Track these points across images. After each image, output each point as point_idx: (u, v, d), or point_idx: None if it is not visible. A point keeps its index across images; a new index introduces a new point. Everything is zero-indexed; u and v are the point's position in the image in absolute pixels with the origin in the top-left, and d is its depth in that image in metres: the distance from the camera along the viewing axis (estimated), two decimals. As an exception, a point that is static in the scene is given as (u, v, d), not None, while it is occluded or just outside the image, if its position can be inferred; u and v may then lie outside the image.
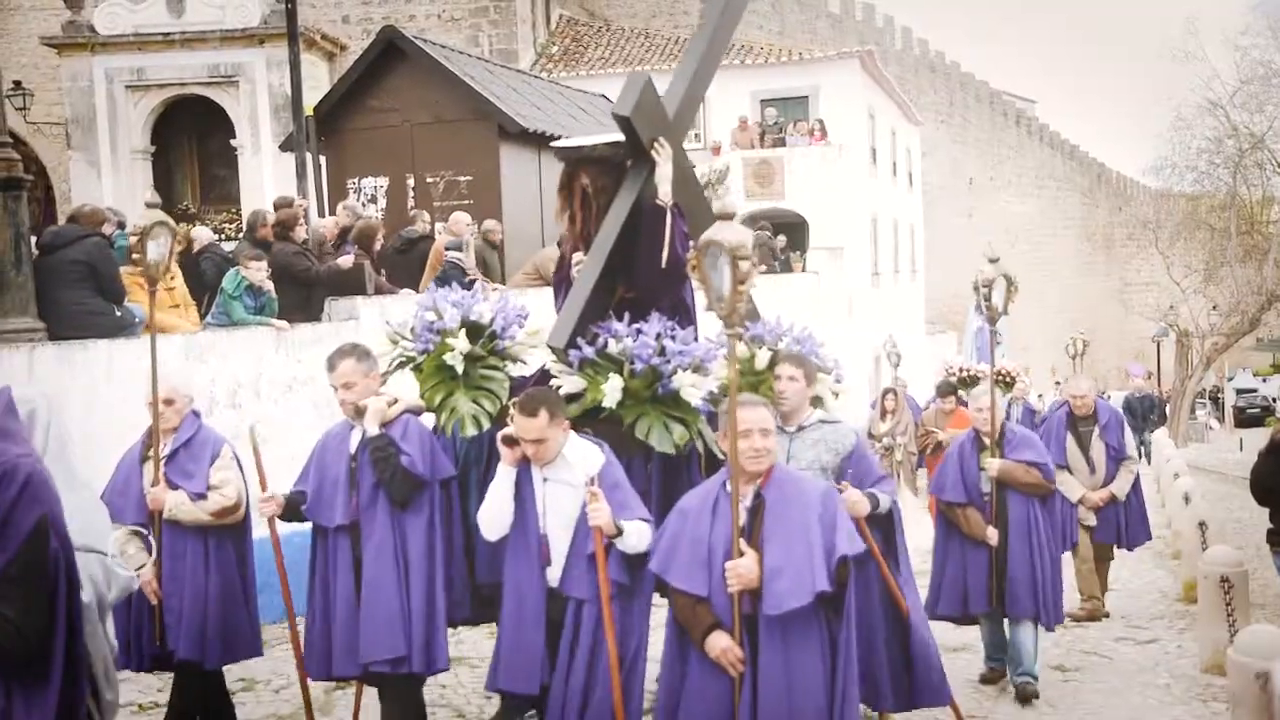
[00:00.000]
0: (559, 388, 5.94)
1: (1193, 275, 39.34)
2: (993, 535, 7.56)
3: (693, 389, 5.96)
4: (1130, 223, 54.60)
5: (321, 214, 14.44)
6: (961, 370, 15.19)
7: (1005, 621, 7.82)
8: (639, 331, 6.00)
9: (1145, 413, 25.47)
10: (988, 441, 7.72)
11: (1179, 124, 38.46)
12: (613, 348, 5.99)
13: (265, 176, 23.38)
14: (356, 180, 15.84)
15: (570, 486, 5.40)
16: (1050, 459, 7.99)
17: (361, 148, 15.84)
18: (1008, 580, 7.57)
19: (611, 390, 5.88)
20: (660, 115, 6.40)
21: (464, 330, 6.14)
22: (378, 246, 12.47)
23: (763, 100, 29.56)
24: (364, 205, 15.29)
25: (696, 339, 6.24)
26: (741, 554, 4.63)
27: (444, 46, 17.71)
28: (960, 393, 13.75)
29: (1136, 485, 10.10)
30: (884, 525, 6.08)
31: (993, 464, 7.62)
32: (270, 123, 23.85)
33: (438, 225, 13.70)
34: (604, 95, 20.96)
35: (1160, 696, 7.88)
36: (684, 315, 6.35)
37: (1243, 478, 7.60)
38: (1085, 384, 10.21)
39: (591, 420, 5.93)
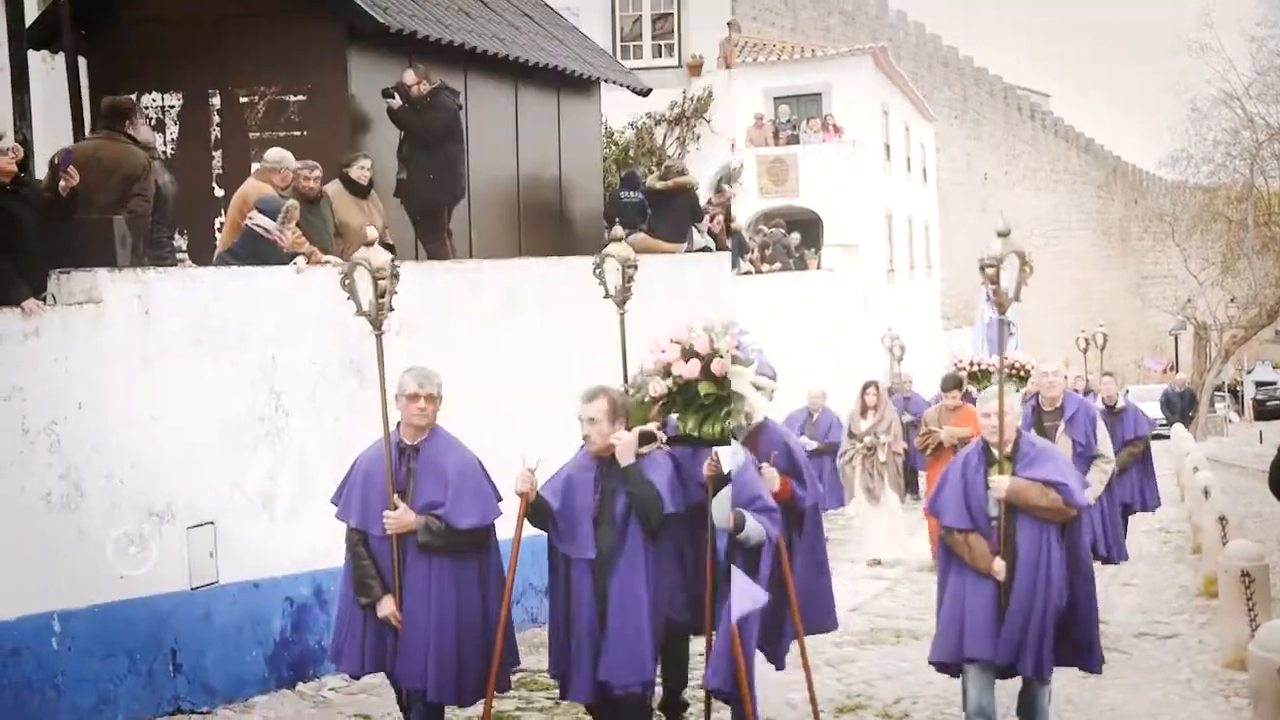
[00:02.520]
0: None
1: (1210, 268, 39.14)
2: (999, 568, 6.37)
3: None
4: (1146, 216, 54.20)
5: (82, 138, 9.56)
6: (971, 364, 14.19)
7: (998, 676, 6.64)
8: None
9: (1185, 407, 25.04)
10: (997, 454, 6.45)
11: (1194, 116, 38.21)
12: None
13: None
14: (134, 96, 10.50)
15: None
16: (1073, 478, 6.63)
17: (141, 49, 11.03)
18: (1012, 624, 6.38)
19: None
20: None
21: None
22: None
23: (776, 98, 29.48)
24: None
25: None
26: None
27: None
28: (970, 389, 13.14)
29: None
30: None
31: (1001, 482, 6.35)
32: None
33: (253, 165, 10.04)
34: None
35: (1181, 692, 7.84)
36: None
37: (1263, 471, 7.56)
38: (1054, 365, 9.34)
39: None
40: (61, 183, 7.46)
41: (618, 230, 7.22)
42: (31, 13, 10.96)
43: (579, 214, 13.82)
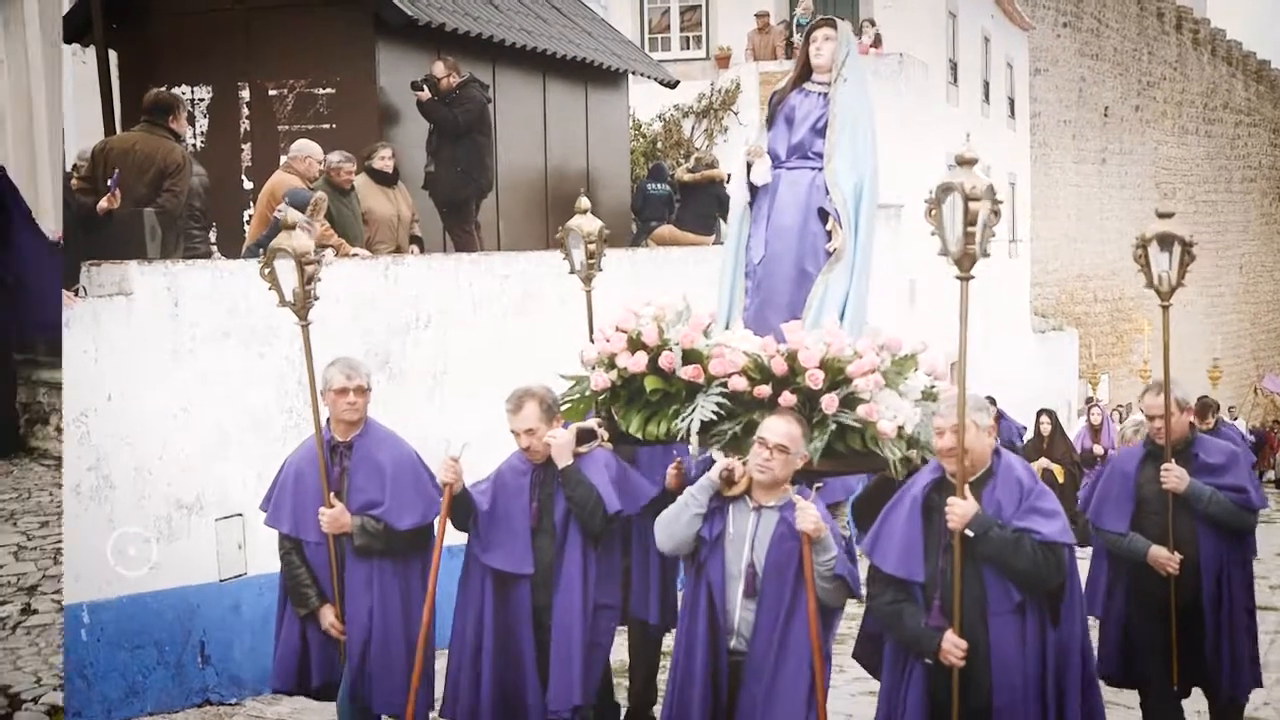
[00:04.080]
0: None
1: None
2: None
3: None
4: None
5: (111, 131, 10.20)
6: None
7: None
8: None
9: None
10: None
11: None
12: None
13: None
14: (165, 90, 10.20)
15: None
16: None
17: (171, 42, 11.16)
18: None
19: None
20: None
21: None
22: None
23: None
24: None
25: None
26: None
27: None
28: None
29: None
30: None
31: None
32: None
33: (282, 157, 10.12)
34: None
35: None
36: None
37: None
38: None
39: None
40: (103, 203, 7.46)
41: (582, 202, 6.75)
42: (62, 6, 11.21)
43: (607, 206, 13.77)
